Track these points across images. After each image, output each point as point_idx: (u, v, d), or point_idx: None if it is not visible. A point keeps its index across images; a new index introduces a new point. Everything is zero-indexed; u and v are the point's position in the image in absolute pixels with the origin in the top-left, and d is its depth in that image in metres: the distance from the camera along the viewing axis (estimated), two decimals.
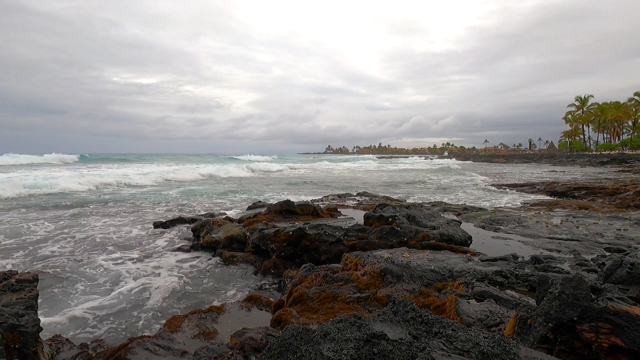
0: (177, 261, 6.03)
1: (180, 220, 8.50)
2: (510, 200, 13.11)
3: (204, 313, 3.50)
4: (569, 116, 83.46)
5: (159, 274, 5.40)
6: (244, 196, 14.80)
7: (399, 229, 5.21)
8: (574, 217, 7.09)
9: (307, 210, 7.36)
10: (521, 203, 11.83)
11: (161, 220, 8.66)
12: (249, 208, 9.60)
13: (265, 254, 5.74)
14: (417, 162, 63.94)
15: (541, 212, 7.98)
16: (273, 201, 10.08)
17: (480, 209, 9.04)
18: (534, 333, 1.95)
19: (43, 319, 3.19)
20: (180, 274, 5.40)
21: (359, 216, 7.10)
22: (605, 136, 79.66)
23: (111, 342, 3.30)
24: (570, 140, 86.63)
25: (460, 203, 11.11)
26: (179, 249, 6.64)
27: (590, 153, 66.62)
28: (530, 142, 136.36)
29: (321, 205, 8.45)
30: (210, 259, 6.16)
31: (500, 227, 6.51)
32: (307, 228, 5.44)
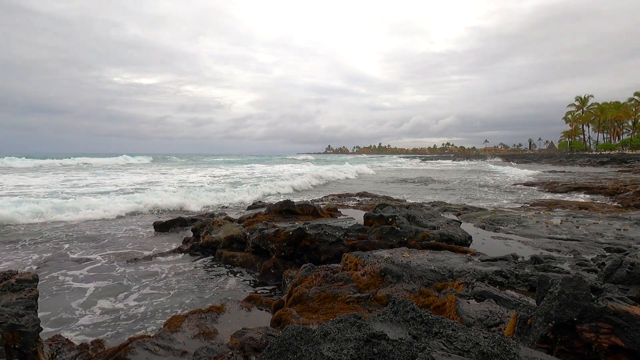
0: (177, 261, 6.03)
1: (180, 221, 8.50)
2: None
3: (204, 313, 3.50)
4: (569, 116, 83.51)
5: (158, 274, 5.40)
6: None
7: (399, 229, 5.20)
8: (574, 217, 7.09)
9: (307, 210, 7.36)
10: (531, 203, 11.63)
11: (161, 220, 8.65)
12: (249, 208, 9.60)
13: (265, 254, 5.74)
14: (460, 163, 55.11)
15: (541, 212, 7.97)
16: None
17: (480, 209, 9.04)
18: (534, 333, 1.95)
19: (41, 319, 3.18)
20: (180, 274, 5.40)
21: (359, 216, 7.10)
22: (605, 136, 79.72)
23: (111, 343, 3.30)
24: (570, 140, 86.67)
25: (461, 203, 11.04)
26: (179, 249, 6.64)
27: (590, 153, 66.60)
28: (530, 142, 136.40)
29: (321, 205, 8.45)
30: (210, 259, 6.16)
31: (500, 227, 6.51)
32: (307, 228, 5.44)
